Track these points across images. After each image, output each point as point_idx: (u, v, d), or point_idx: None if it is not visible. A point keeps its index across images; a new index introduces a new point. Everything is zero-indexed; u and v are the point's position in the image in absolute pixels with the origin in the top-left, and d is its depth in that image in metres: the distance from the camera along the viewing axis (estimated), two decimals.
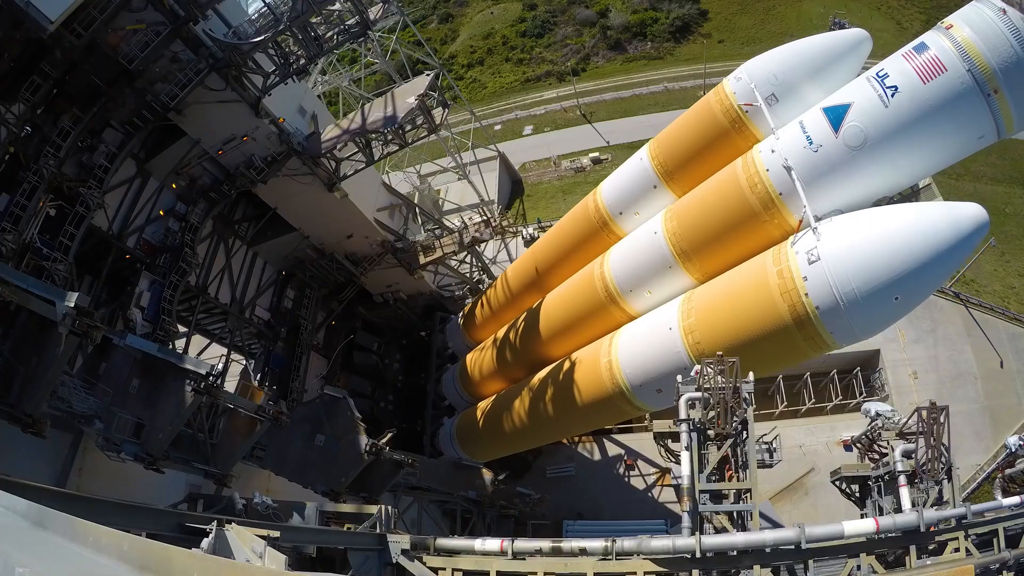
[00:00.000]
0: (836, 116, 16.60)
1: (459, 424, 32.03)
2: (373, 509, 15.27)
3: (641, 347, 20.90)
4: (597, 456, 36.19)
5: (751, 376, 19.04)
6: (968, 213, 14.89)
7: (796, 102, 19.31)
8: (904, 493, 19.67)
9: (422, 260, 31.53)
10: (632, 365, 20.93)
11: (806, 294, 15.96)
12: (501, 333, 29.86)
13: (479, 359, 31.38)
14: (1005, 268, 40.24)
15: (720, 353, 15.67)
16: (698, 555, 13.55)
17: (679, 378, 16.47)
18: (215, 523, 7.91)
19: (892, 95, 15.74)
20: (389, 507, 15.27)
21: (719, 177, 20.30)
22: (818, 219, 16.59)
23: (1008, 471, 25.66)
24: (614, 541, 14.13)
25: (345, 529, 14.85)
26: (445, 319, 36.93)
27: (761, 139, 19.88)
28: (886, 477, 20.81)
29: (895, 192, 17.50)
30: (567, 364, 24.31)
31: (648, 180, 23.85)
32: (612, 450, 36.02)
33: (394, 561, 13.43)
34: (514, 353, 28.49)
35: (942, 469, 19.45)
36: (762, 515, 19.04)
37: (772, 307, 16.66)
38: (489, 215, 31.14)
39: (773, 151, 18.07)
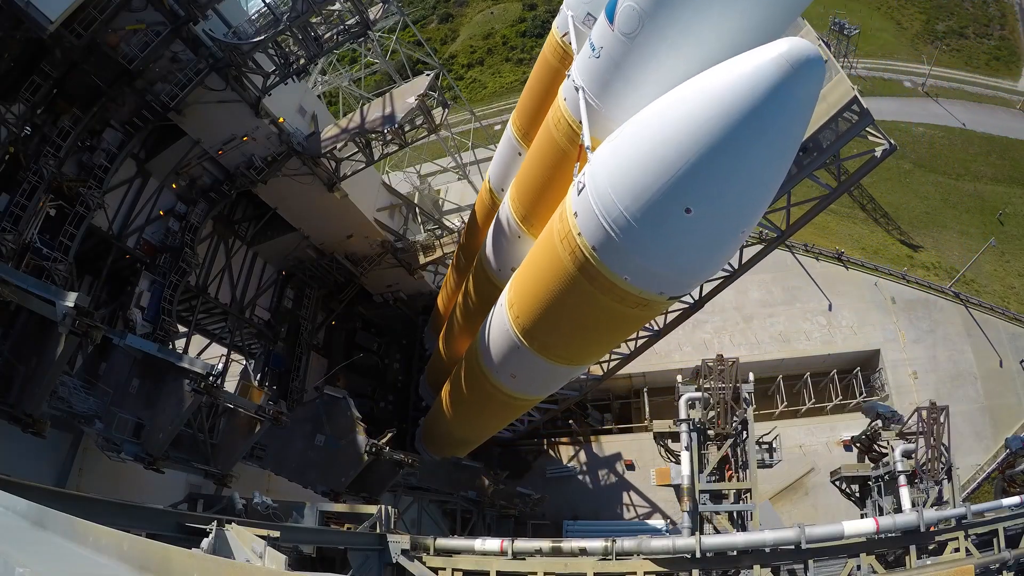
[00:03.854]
0: (611, 7, 12.64)
1: (424, 424, 31.61)
2: (373, 509, 15.23)
3: (491, 327, 18.80)
4: (597, 456, 36.21)
5: (751, 376, 19.04)
6: (772, 55, 8.91)
7: None
8: (904, 493, 19.71)
9: (422, 260, 31.57)
10: (486, 347, 19.13)
11: (579, 233, 12.30)
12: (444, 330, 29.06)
13: (433, 357, 30.78)
14: (1005, 268, 40.32)
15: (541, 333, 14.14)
16: (698, 555, 13.58)
17: (679, 378, 16.43)
18: (215, 523, 7.89)
19: None
20: (389, 507, 15.23)
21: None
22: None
23: (1008, 471, 25.70)
24: (614, 541, 14.14)
25: (345, 529, 14.84)
26: (426, 320, 36.87)
27: None
28: (886, 477, 20.85)
29: None
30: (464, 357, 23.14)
31: (514, 149, 22.30)
32: (612, 450, 36.03)
33: (394, 561, 13.43)
34: (446, 348, 27.67)
35: (942, 469, 19.50)
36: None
37: (557, 259, 13.36)
38: None
39: (568, 75, 15.07)
